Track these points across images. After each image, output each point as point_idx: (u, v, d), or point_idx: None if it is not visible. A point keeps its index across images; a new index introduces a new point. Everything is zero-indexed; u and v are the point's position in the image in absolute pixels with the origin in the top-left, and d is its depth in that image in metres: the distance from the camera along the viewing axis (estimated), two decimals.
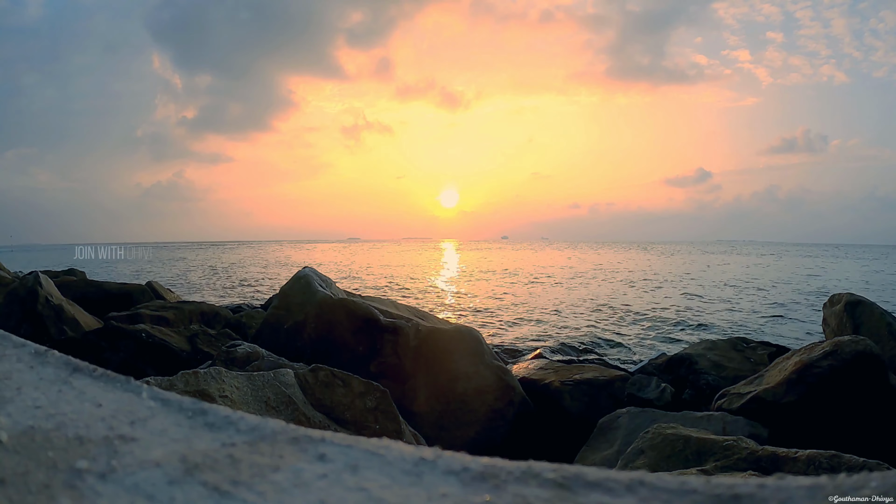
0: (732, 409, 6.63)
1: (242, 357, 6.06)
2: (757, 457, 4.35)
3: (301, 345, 8.05)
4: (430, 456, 0.94)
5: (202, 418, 1.10)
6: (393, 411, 5.37)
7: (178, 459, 0.93)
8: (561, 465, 0.91)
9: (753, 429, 5.96)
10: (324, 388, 5.20)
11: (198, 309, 12.04)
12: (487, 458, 0.94)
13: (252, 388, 4.68)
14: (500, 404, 7.60)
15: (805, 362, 6.74)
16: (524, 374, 9.04)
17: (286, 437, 1.02)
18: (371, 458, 0.95)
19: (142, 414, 1.11)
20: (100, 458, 0.94)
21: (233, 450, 0.97)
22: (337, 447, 0.98)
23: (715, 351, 9.43)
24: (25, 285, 10.52)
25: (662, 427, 4.97)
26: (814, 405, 6.44)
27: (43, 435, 1.02)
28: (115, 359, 8.34)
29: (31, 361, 1.37)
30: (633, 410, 6.48)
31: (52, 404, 1.14)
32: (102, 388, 1.24)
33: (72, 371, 1.32)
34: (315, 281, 8.73)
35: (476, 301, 28.11)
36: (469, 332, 8.27)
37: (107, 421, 1.07)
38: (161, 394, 1.21)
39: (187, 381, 4.38)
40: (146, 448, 0.97)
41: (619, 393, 8.34)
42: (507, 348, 14.75)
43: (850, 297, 9.95)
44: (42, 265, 28.88)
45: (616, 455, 5.67)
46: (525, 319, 21.77)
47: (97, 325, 10.63)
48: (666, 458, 4.65)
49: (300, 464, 0.93)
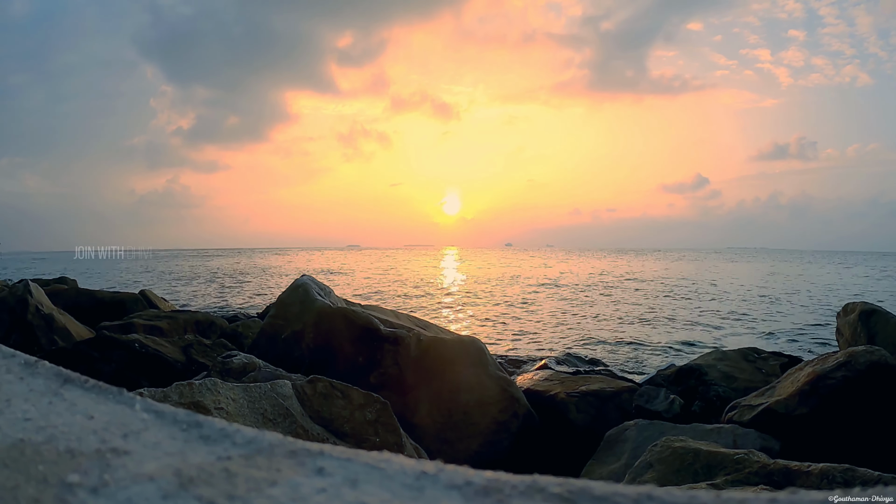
0: (743, 422, 6.61)
1: (238, 368, 6.05)
2: (769, 470, 4.33)
3: (299, 355, 8.04)
4: (432, 470, 0.94)
5: (197, 431, 1.10)
6: (393, 424, 5.36)
7: (173, 473, 0.93)
8: (567, 480, 0.91)
9: (765, 442, 5.94)
10: (322, 400, 5.19)
11: (192, 318, 12.05)
12: (491, 472, 0.93)
13: (248, 399, 4.68)
14: (504, 416, 7.58)
15: (818, 373, 6.72)
16: (529, 386, 9.02)
17: (284, 451, 1.02)
18: (371, 471, 0.94)
19: (135, 426, 1.11)
20: (92, 472, 0.93)
21: (229, 463, 0.97)
22: (336, 461, 0.98)
23: (725, 361, 9.41)
24: (15, 294, 10.54)
25: (671, 440, 4.96)
26: (827, 417, 6.42)
27: (33, 448, 1.01)
28: (107, 370, 8.34)
29: (21, 372, 1.37)
30: (642, 423, 6.46)
31: (43, 416, 1.14)
32: (94, 399, 1.24)
33: (63, 382, 1.32)
34: (313, 289, 8.73)
35: (479, 310, 28.10)
36: (472, 342, 8.26)
37: (99, 434, 1.07)
38: (155, 406, 1.21)
39: (182, 392, 4.38)
40: (139, 461, 0.97)
41: (626, 405, 8.32)
42: (512, 359, 14.74)
43: (864, 306, 9.93)
44: (31, 273, 28.86)
45: (624, 469, 5.65)
46: (530, 329, 21.76)
47: (89, 335, 10.64)
48: (675, 471, 4.63)
49: (298, 478, 0.92)
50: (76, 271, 52.84)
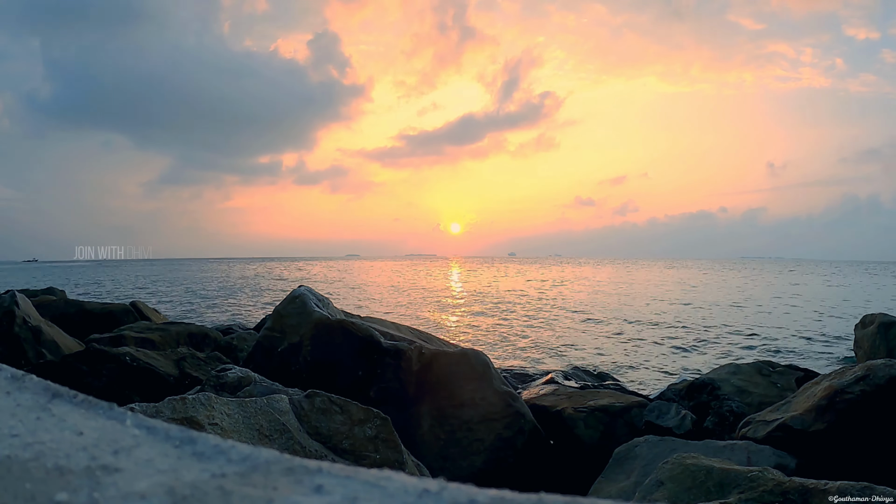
0: (758, 438, 6.59)
1: (233, 382, 6.04)
2: (784, 489, 4.31)
3: (296, 369, 8.04)
4: (434, 488, 0.94)
5: (190, 447, 1.09)
6: (394, 440, 5.34)
7: (165, 492, 0.93)
8: (574, 498, 0.91)
9: (780, 459, 5.91)
10: (320, 416, 5.18)
11: (186, 330, 12.05)
12: (495, 490, 0.93)
13: (244, 415, 4.67)
14: (509, 432, 7.56)
15: (835, 387, 6.69)
16: (535, 401, 9.00)
17: (280, 468, 1.01)
18: (371, 489, 0.94)
19: (126, 443, 1.11)
20: (81, 491, 0.93)
21: (223, 481, 0.97)
22: (335, 478, 0.97)
23: (739, 375, 9.38)
24: (1, 305, 10.54)
25: (683, 457, 4.94)
26: (844, 433, 6.39)
27: (20, 465, 1.01)
28: (97, 384, 8.33)
29: (8, 387, 1.37)
30: (652, 439, 6.44)
31: (31, 432, 1.14)
32: (84, 415, 1.24)
33: (51, 397, 1.32)
34: (311, 300, 8.73)
35: (483, 321, 28.08)
36: (476, 355, 8.25)
37: (89, 450, 1.07)
38: (146, 421, 1.20)
39: (174, 407, 4.38)
40: (131, 479, 0.97)
41: (636, 420, 8.30)
42: (517, 372, 14.71)
43: (883, 318, 9.91)
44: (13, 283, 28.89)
45: (633, 487, 5.63)
46: (536, 341, 21.73)
47: (78, 348, 10.63)
48: (686, 489, 4.61)
49: (295, 496, 0.92)
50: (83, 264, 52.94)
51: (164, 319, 16.85)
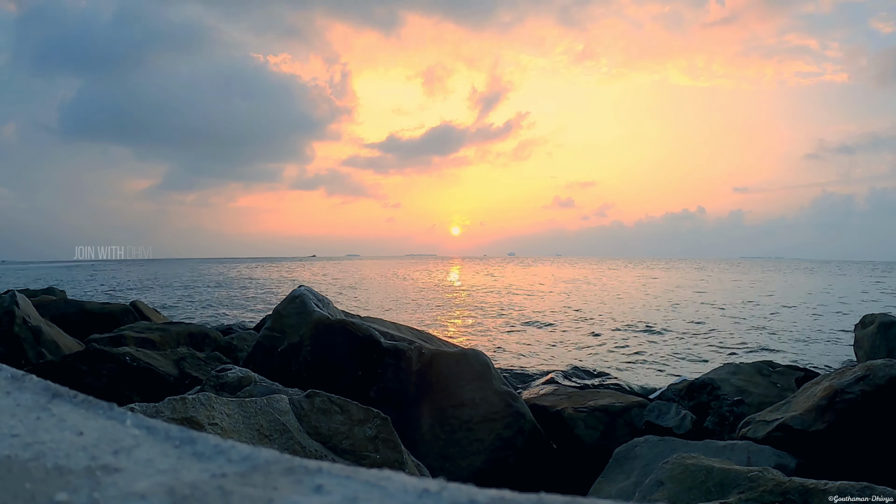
0: (758, 438, 6.59)
1: (233, 382, 6.04)
2: (784, 489, 4.31)
3: (296, 369, 8.04)
4: (434, 488, 0.94)
5: (190, 447, 1.09)
6: (394, 440, 5.34)
7: (165, 492, 0.93)
8: (574, 498, 0.91)
9: (780, 459, 5.92)
10: (320, 416, 5.18)
11: (186, 330, 12.06)
12: (495, 490, 0.93)
13: (244, 415, 4.67)
14: (509, 432, 7.56)
15: (835, 388, 6.69)
16: (535, 401, 9.01)
17: (280, 468, 1.01)
18: (371, 490, 0.94)
19: (126, 443, 1.11)
20: (81, 491, 0.93)
21: (223, 481, 0.96)
22: (335, 478, 0.97)
23: (739, 375, 9.39)
24: (1, 305, 10.54)
25: (683, 457, 4.94)
26: (845, 433, 6.39)
27: (20, 465, 1.01)
28: (97, 384, 8.33)
29: (8, 387, 1.37)
30: (652, 439, 6.44)
31: (30, 432, 1.14)
32: (84, 415, 1.24)
33: (51, 397, 1.32)
34: (311, 300, 8.73)
35: (483, 321, 28.06)
36: (476, 355, 8.24)
37: (89, 450, 1.07)
38: (146, 421, 1.20)
39: (174, 407, 4.38)
40: (131, 479, 0.97)
41: (636, 420, 8.31)
42: (517, 372, 14.72)
43: (883, 318, 9.91)
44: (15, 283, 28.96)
45: (633, 487, 5.63)
46: (536, 341, 21.72)
47: (78, 348, 10.63)
48: (687, 489, 4.61)
49: (295, 496, 0.92)
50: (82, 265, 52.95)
51: (164, 319, 16.85)
